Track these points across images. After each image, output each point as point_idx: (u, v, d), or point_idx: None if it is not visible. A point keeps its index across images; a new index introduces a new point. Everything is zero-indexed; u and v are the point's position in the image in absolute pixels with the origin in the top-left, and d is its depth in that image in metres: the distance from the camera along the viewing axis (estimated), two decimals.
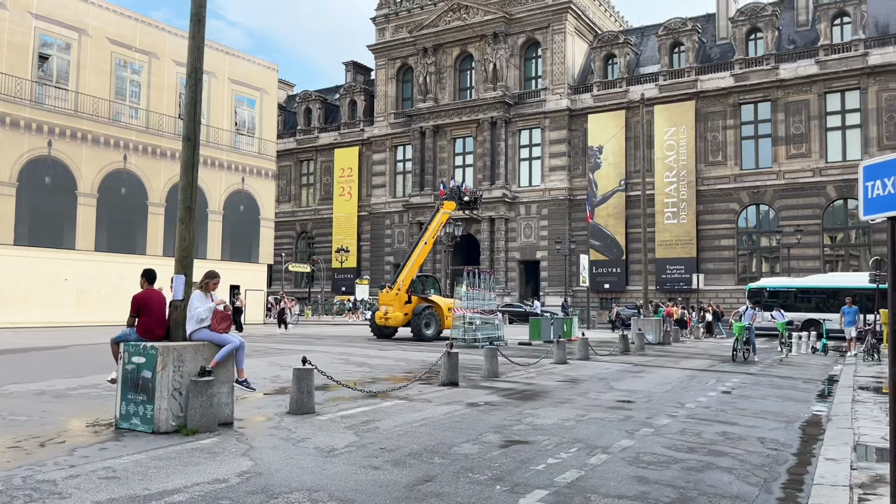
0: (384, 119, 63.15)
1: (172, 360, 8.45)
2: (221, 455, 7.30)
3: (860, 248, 44.84)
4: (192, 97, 9.49)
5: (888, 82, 43.84)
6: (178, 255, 9.25)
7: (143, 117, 37.54)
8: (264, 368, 15.92)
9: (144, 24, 38.18)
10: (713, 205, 48.68)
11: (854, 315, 24.28)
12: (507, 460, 7.36)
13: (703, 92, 49.36)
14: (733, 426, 9.80)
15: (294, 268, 59.61)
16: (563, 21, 54.63)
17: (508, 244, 55.48)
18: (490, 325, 26.32)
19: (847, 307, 24.41)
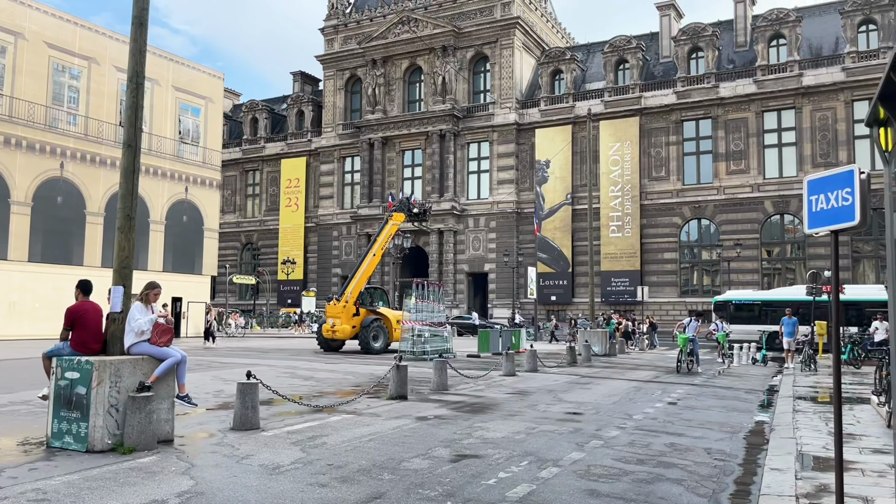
0: (332, 130, 62.70)
1: (109, 375, 8.08)
2: (160, 474, 6.99)
3: (795, 261, 46.32)
4: (132, 102, 9.17)
5: (821, 102, 45.57)
6: (117, 266, 8.89)
7: (81, 124, 36.38)
8: (207, 383, 15.46)
9: (84, 29, 37.08)
10: (656, 219, 49.69)
11: (793, 326, 23.70)
12: (458, 475, 7.24)
13: (647, 108, 50.46)
14: (681, 437, 9.89)
15: (238, 280, 58.49)
16: (511, 36, 55.25)
17: (457, 256, 55.56)
18: (439, 338, 26.19)
19: (787, 318, 23.82)
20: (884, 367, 12.19)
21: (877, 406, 12.20)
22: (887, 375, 11.27)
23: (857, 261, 44.10)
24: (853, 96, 44.25)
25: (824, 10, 49.60)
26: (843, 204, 5.51)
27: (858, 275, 43.84)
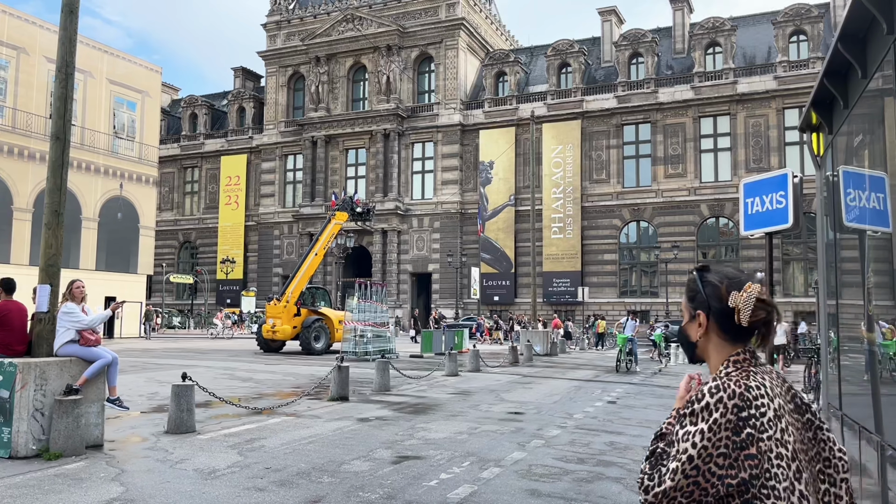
0: (274, 127, 61.75)
1: (34, 377, 7.72)
2: (88, 481, 6.70)
3: (730, 263, 47.67)
4: (62, 93, 8.80)
5: (755, 109, 47.10)
6: (44, 264, 8.51)
7: (9, 116, 34.89)
8: (141, 385, 14.99)
9: (13, 17, 35.57)
10: (597, 221, 50.54)
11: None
12: (399, 477, 7.16)
13: (589, 112, 51.28)
14: (620, 436, 10.03)
15: (176, 279, 57.04)
16: (455, 37, 55.39)
17: (401, 256, 55.39)
18: (382, 338, 26.04)
19: None
20: (812, 365, 12.62)
21: None
22: (816, 374, 11.67)
23: (788, 263, 45.71)
24: (784, 104, 45.87)
25: (758, 20, 51.28)
26: (777, 207, 5.65)
27: (788, 277, 45.48)
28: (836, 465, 1.79)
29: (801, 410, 1.80)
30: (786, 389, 1.81)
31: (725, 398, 1.69)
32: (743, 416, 1.67)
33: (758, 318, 1.79)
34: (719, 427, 1.67)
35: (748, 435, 1.65)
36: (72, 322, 8.37)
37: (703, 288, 1.88)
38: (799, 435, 1.75)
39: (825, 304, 4.87)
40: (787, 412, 1.74)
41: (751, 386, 1.72)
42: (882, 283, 3.53)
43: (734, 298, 1.80)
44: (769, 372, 1.82)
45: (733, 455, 1.66)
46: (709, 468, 1.66)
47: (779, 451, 1.67)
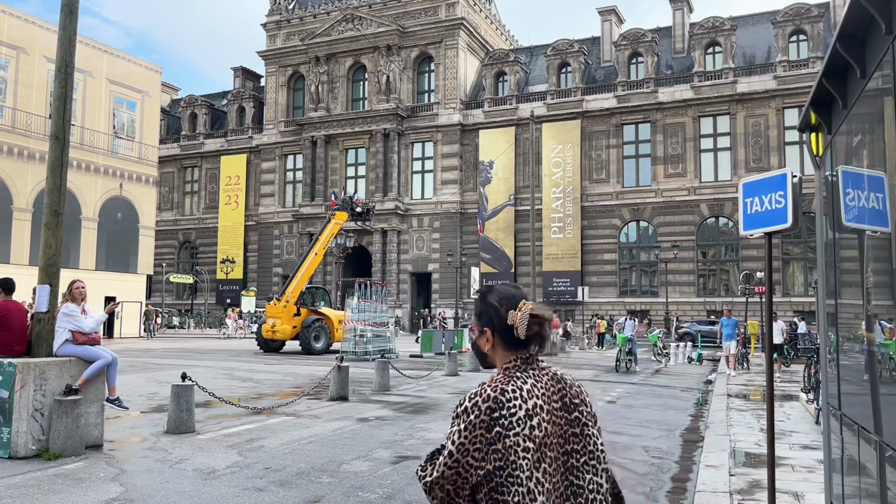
0: (274, 127, 61.73)
1: (34, 378, 7.73)
2: (88, 481, 6.71)
3: (730, 263, 47.71)
4: (61, 93, 8.81)
5: (754, 109, 47.09)
6: (43, 264, 8.51)
7: (9, 116, 34.88)
8: (141, 385, 14.99)
9: (12, 17, 35.55)
10: (597, 220, 50.51)
11: (733, 328, 21.03)
12: (399, 477, 7.17)
13: (589, 112, 51.25)
14: (619, 435, 10.03)
15: (175, 279, 57.01)
16: (455, 37, 55.37)
17: (401, 256, 55.38)
18: (381, 338, 26.03)
19: (725, 318, 21.45)
20: (812, 365, 12.62)
21: (806, 403, 12.63)
22: (815, 373, 11.67)
23: (787, 263, 45.70)
24: (784, 104, 45.85)
25: (757, 19, 51.27)
26: (776, 206, 5.64)
27: (788, 276, 45.48)
28: (598, 457, 2.06)
29: (569, 409, 2.05)
30: (556, 391, 2.05)
31: (480, 402, 1.98)
32: (494, 417, 1.95)
33: (532, 332, 2.07)
34: (474, 427, 1.96)
35: (497, 433, 1.94)
36: (71, 324, 8.36)
37: (486, 308, 2.16)
38: (559, 430, 2.01)
39: (824, 304, 4.87)
40: (546, 411, 2.00)
41: (506, 390, 1.99)
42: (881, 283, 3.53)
43: (511, 317, 2.08)
44: (543, 375, 2.07)
45: (485, 450, 1.94)
46: (467, 461, 1.95)
47: (525, 445, 1.94)
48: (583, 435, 2.05)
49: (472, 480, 1.96)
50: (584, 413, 2.08)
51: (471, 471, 1.96)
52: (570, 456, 2.01)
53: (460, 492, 1.98)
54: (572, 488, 1.99)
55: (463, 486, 1.97)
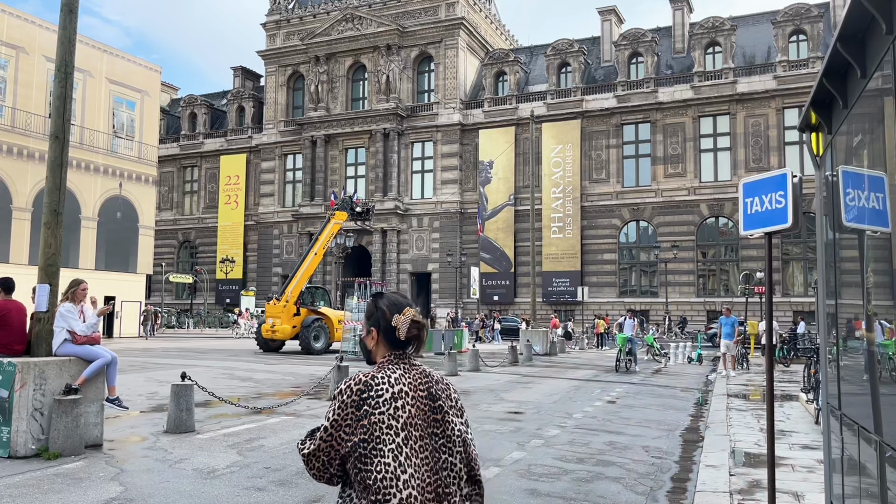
0: (274, 127, 61.72)
1: (33, 377, 7.73)
2: (87, 480, 6.70)
3: (729, 263, 47.73)
4: (61, 92, 8.80)
5: (754, 109, 47.09)
6: (43, 263, 8.51)
7: (8, 115, 34.85)
8: (140, 385, 14.99)
9: (12, 16, 35.53)
10: (596, 220, 50.51)
11: (732, 327, 20.54)
12: None
13: (588, 111, 51.24)
14: (619, 435, 10.03)
15: (175, 278, 56.99)
16: (455, 37, 55.37)
17: (400, 256, 55.38)
18: None
19: (724, 318, 20.92)
20: (812, 365, 12.61)
21: (805, 403, 12.63)
22: (815, 373, 11.67)
23: (787, 263, 45.71)
24: (784, 104, 45.85)
25: (757, 19, 51.27)
26: (776, 206, 5.64)
27: (788, 276, 45.48)
28: (454, 441, 2.37)
29: (434, 399, 2.39)
30: (423, 383, 2.41)
31: (353, 385, 2.34)
32: (363, 397, 2.30)
33: (411, 334, 2.45)
34: (346, 406, 2.30)
35: (365, 411, 2.28)
36: (66, 324, 8.36)
37: (376, 311, 2.51)
38: (423, 414, 2.34)
39: (824, 304, 4.87)
40: (411, 397, 2.34)
41: (376, 377, 2.36)
42: (881, 283, 3.52)
43: (395, 320, 2.45)
44: (412, 369, 2.43)
45: (354, 425, 2.28)
46: (339, 434, 2.29)
47: (389, 423, 2.27)
48: (443, 421, 2.38)
49: (343, 451, 2.30)
50: (447, 404, 2.42)
51: (342, 443, 2.29)
52: (433, 437, 2.34)
53: (333, 462, 2.32)
54: (437, 464, 2.32)
55: (335, 456, 2.31)
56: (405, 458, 2.25)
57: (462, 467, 2.39)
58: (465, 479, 2.40)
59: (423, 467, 2.28)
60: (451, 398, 2.46)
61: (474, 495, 2.46)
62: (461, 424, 2.44)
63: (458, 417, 2.44)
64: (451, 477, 2.34)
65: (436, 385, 2.43)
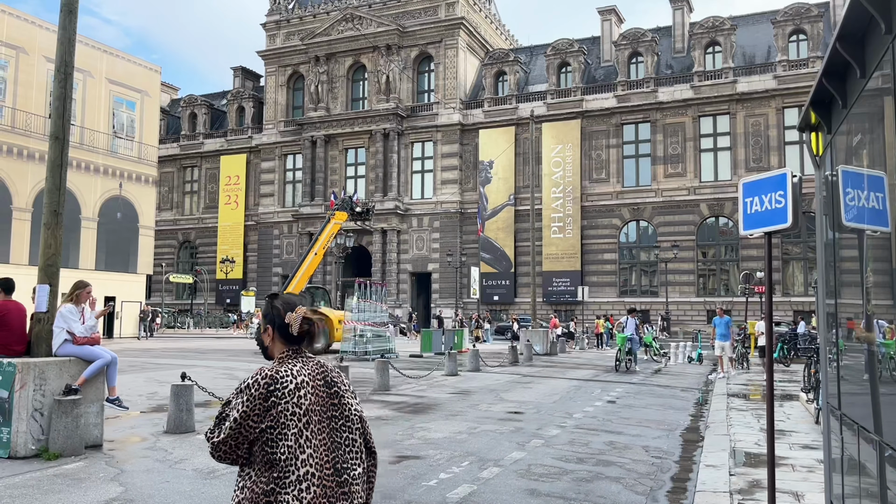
0: (274, 127, 61.72)
1: (33, 377, 7.72)
2: (87, 481, 6.70)
3: (729, 262, 47.71)
4: (61, 93, 8.80)
5: (754, 108, 47.07)
6: (43, 264, 8.51)
7: (8, 116, 34.84)
8: (141, 385, 14.99)
9: (12, 17, 35.52)
10: (596, 220, 50.50)
11: (726, 327, 20.15)
12: (399, 477, 7.16)
13: (588, 111, 51.23)
14: (619, 435, 10.03)
15: (175, 279, 56.99)
16: (455, 37, 55.36)
17: (400, 256, 55.37)
18: (381, 338, 26.02)
19: (718, 318, 20.51)
20: (812, 364, 12.62)
21: (806, 403, 12.63)
22: (816, 373, 11.66)
23: (787, 262, 45.70)
24: (784, 103, 45.84)
25: (757, 19, 51.25)
26: (776, 206, 5.64)
27: (788, 276, 45.47)
28: (353, 419, 2.68)
29: (329, 385, 2.69)
30: (319, 373, 2.70)
31: (260, 379, 2.58)
32: (270, 390, 2.56)
33: (303, 330, 2.74)
34: (255, 398, 2.55)
35: (272, 402, 2.54)
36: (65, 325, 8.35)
37: (272, 310, 2.77)
38: (321, 400, 2.64)
39: (824, 304, 4.86)
40: (311, 386, 2.63)
41: (280, 371, 2.62)
42: (881, 283, 3.52)
43: (289, 317, 2.72)
44: (309, 362, 2.73)
45: (263, 414, 2.53)
46: (248, 423, 2.54)
47: (293, 410, 2.55)
48: (341, 404, 2.68)
49: (251, 437, 2.55)
50: (343, 388, 2.73)
51: (250, 430, 2.54)
52: (332, 420, 2.64)
53: (241, 446, 2.57)
54: (335, 442, 2.62)
55: (243, 442, 2.56)
56: (305, 440, 2.55)
57: (362, 442, 2.71)
58: (364, 453, 2.72)
59: (322, 447, 2.59)
60: (345, 383, 2.78)
61: (371, 466, 2.75)
62: (357, 405, 2.76)
63: (353, 399, 2.76)
64: (352, 452, 2.66)
65: (330, 373, 2.75)
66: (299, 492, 2.50)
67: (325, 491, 2.55)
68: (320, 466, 2.56)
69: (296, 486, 2.50)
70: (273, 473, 2.52)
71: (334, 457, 2.60)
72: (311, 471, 2.53)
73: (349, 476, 2.61)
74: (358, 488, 2.63)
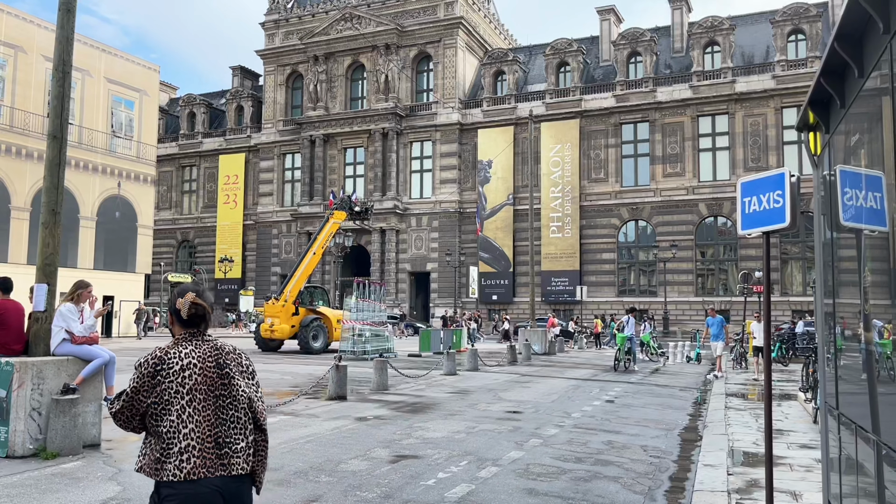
0: (272, 126, 61.69)
1: (31, 377, 7.72)
2: (85, 480, 6.70)
3: (728, 262, 47.74)
4: (59, 92, 8.80)
5: (753, 108, 47.09)
6: (41, 263, 8.50)
7: (6, 115, 34.81)
8: None
9: (10, 16, 35.48)
10: (595, 220, 50.51)
11: (720, 327, 19.71)
12: (397, 476, 7.16)
13: (587, 111, 51.23)
14: (618, 435, 10.03)
15: (174, 278, 56.87)
16: (454, 36, 55.35)
17: (399, 255, 55.37)
18: (380, 337, 26.01)
19: (711, 318, 20.10)
20: (810, 364, 12.62)
21: (804, 402, 12.63)
22: (814, 373, 11.67)
23: (786, 262, 45.73)
24: (783, 103, 45.86)
25: (756, 19, 51.27)
26: (774, 206, 5.64)
27: (787, 276, 45.50)
28: (239, 399, 2.99)
29: (220, 367, 2.98)
30: (212, 355, 2.99)
31: (150, 359, 2.93)
32: (157, 368, 2.90)
33: (193, 313, 3.05)
34: (143, 375, 2.90)
35: (157, 380, 2.88)
36: (64, 325, 8.34)
37: (172, 298, 3.11)
38: (209, 380, 2.93)
39: (822, 303, 4.87)
40: (199, 368, 2.93)
41: (169, 353, 2.95)
42: (879, 283, 3.52)
43: (178, 303, 3.06)
44: (203, 344, 3.02)
45: (150, 390, 2.88)
46: (138, 397, 2.89)
47: (177, 389, 2.87)
48: (229, 385, 2.97)
49: (141, 410, 2.90)
50: (235, 370, 3.02)
51: (140, 404, 2.89)
52: (219, 398, 2.93)
53: (134, 417, 2.92)
54: (220, 419, 2.91)
55: (135, 413, 2.91)
56: (187, 416, 2.85)
57: (248, 420, 3.00)
58: (251, 429, 3.02)
59: (205, 422, 2.87)
60: (242, 365, 3.08)
61: (260, 440, 3.05)
62: (247, 386, 3.04)
63: (245, 380, 3.05)
64: (236, 428, 2.95)
65: (225, 356, 3.03)
66: (180, 462, 2.81)
67: (205, 462, 2.83)
68: (202, 440, 2.85)
69: (177, 457, 2.82)
70: (161, 444, 2.85)
71: (217, 432, 2.89)
72: (192, 444, 2.83)
73: (230, 449, 2.90)
74: (239, 460, 2.91)
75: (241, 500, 2.94)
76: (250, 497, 2.99)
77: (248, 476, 2.98)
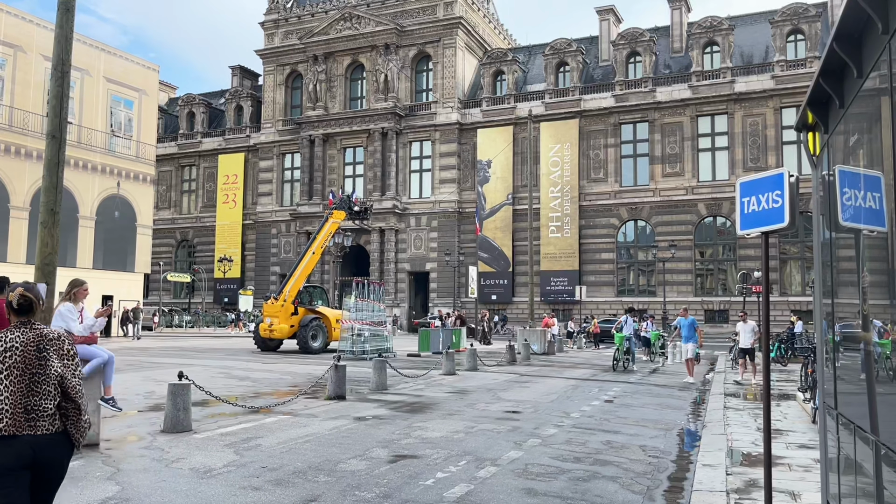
0: (272, 126, 61.67)
1: None
2: (84, 480, 6.69)
3: (727, 262, 47.75)
4: (58, 91, 8.79)
5: (752, 108, 47.11)
6: (39, 262, 8.51)
7: (5, 114, 34.81)
8: (138, 384, 14.97)
9: (9, 15, 35.48)
10: (594, 220, 50.52)
11: (691, 328, 18.49)
12: (396, 476, 7.16)
13: (587, 111, 51.24)
14: (616, 435, 10.03)
15: (173, 277, 56.95)
16: (453, 36, 55.35)
17: (398, 255, 55.37)
18: (379, 337, 26.01)
19: (682, 318, 19.01)
20: (809, 364, 12.63)
21: (802, 402, 12.64)
22: (812, 373, 11.68)
23: (785, 262, 45.75)
24: (782, 103, 45.88)
25: (755, 19, 51.29)
26: (773, 206, 5.64)
27: (786, 276, 45.51)
28: (51, 376, 3.55)
29: (40, 350, 3.55)
30: (34, 340, 3.56)
31: None
32: None
33: (21, 303, 3.63)
34: None
35: None
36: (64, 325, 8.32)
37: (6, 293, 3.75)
38: (28, 360, 3.51)
39: (821, 303, 4.87)
40: (21, 351, 3.52)
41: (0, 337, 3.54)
42: (878, 283, 3.52)
43: (10, 296, 3.63)
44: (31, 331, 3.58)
45: None
46: None
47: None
48: (45, 366, 3.54)
49: None
50: (54, 355, 3.58)
51: None
52: (35, 375, 3.52)
53: None
54: (33, 391, 3.51)
55: None
56: (4, 387, 3.46)
57: (56, 392, 3.57)
58: (60, 399, 3.59)
59: (18, 392, 3.48)
60: (63, 349, 3.63)
61: (71, 408, 3.61)
62: (63, 367, 3.60)
63: (60, 361, 3.60)
64: (47, 399, 3.54)
65: (47, 342, 3.60)
66: None
67: (15, 421, 3.45)
68: (14, 405, 3.47)
69: None
70: None
71: (27, 401, 3.50)
72: (5, 408, 3.45)
73: (37, 414, 3.51)
74: (45, 423, 3.52)
75: (51, 452, 3.55)
76: (63, 450, 3.62)
77: (61, 433, 3.59)
